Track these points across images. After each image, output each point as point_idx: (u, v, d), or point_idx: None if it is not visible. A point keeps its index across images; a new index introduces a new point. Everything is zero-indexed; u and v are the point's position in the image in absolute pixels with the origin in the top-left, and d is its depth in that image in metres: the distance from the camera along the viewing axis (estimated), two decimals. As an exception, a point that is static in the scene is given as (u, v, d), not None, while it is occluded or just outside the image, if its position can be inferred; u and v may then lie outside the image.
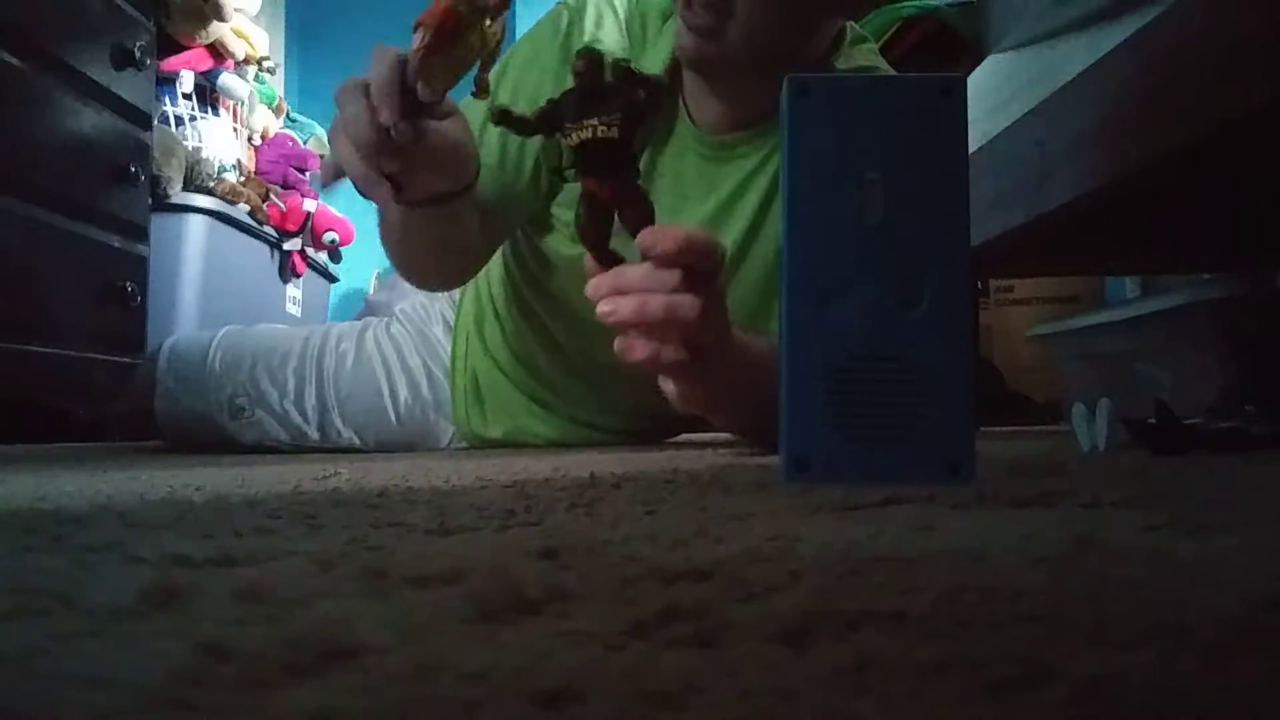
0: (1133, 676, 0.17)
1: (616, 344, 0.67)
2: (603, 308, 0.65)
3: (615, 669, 0.18)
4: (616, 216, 0.64)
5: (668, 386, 0.70)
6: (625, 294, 0.64)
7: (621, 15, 1.01)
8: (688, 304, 0.64)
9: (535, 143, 0.99)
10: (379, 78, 0.66)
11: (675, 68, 0.98)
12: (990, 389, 2.16)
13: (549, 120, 0.62)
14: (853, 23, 1.04)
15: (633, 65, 0.63)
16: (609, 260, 0.65)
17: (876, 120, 0.55)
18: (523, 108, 0.68)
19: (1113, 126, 0.97)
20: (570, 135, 0.60)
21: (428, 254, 0.98)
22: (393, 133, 0.66)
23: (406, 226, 0.89)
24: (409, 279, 1.07)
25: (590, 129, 0.60)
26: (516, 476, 0.66)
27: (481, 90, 0.66)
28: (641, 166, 1.01)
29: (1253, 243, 1.40)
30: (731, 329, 0.73)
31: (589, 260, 0.66)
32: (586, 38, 0.99)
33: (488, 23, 0.64)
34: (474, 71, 0.68)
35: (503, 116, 0.63)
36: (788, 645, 0.19)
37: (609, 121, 0.59)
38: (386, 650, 0.19)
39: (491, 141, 0.98)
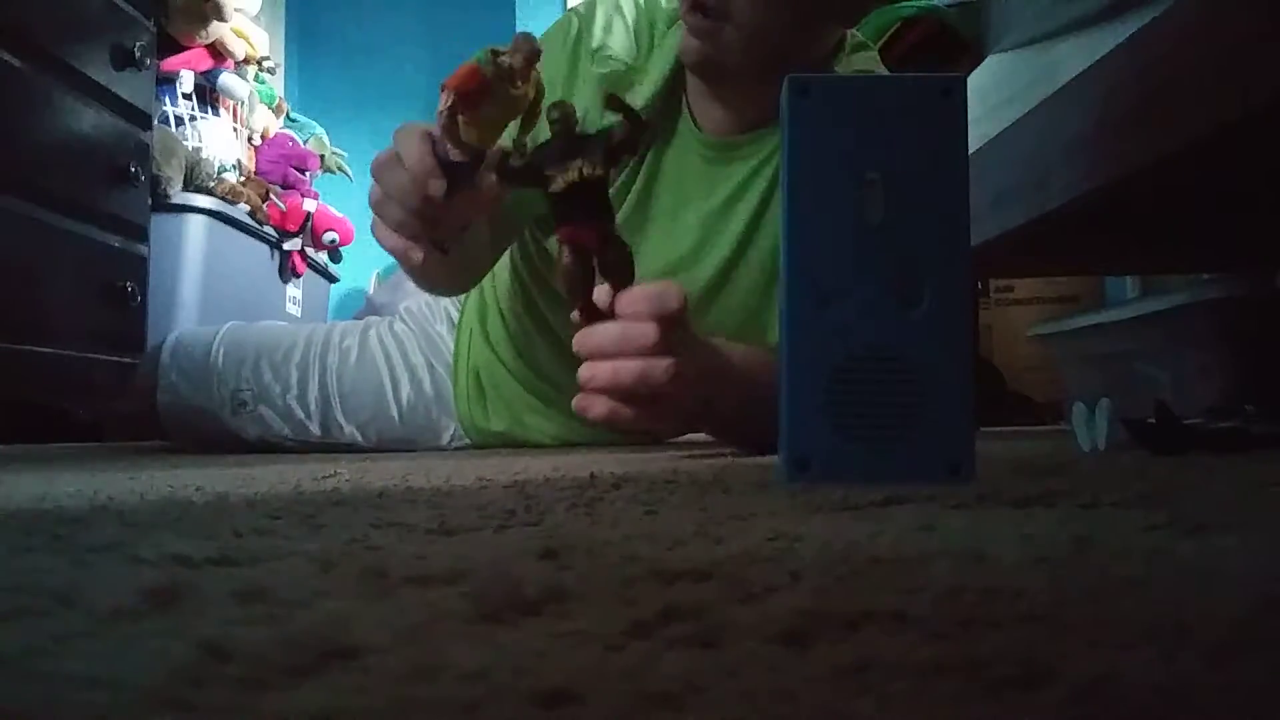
0: (1133, 676, 0.17)
1: (575, 403, 0.70)
2: (581, 374, 0.69)
3: (615, 669, 0.18)
4: (596, 264, 0.65)
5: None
6: (601, 357, 0.68)
7: (630, 21, 1.02)
8: (659, 369, 0.67)
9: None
10: (411, 154, 0.68)
11: (680, 70, 0.99)
12: (990, 389, 2.16)
13: (533, 172, 0.63)
14: (853, 30, 1.05)
15: (621, 97, 0.65)
16: (592, 312, 0.67)
17: (876, 120, 0.55)
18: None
19: (1112, 127, 0.97)
20: (556, 180, 0.61)
21: (442, 269, 1.00)
22: (437, 203, 0.68)
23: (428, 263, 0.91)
24: (422, 288, 1.10)
25: (576, 170, 0.61)
26: (516, 476, 0.66)
27: (518, 152, 0.67)
28: (645, 165, 1.02)
29: (1253, 243, 1.40)
30: (704, 342, 0.76)
31: (575, 317, 0.68)
32: (595, 44, 1.00)
33: (517, 84, 0.64)
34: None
35: (500, 167, 0.63)
36: (788, 645, 0.19)
37: (593, 161, 0.61)
38: (386, 650, 0.19)
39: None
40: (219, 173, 2.13)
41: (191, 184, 2.05)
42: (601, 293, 0.67)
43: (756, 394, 0.63)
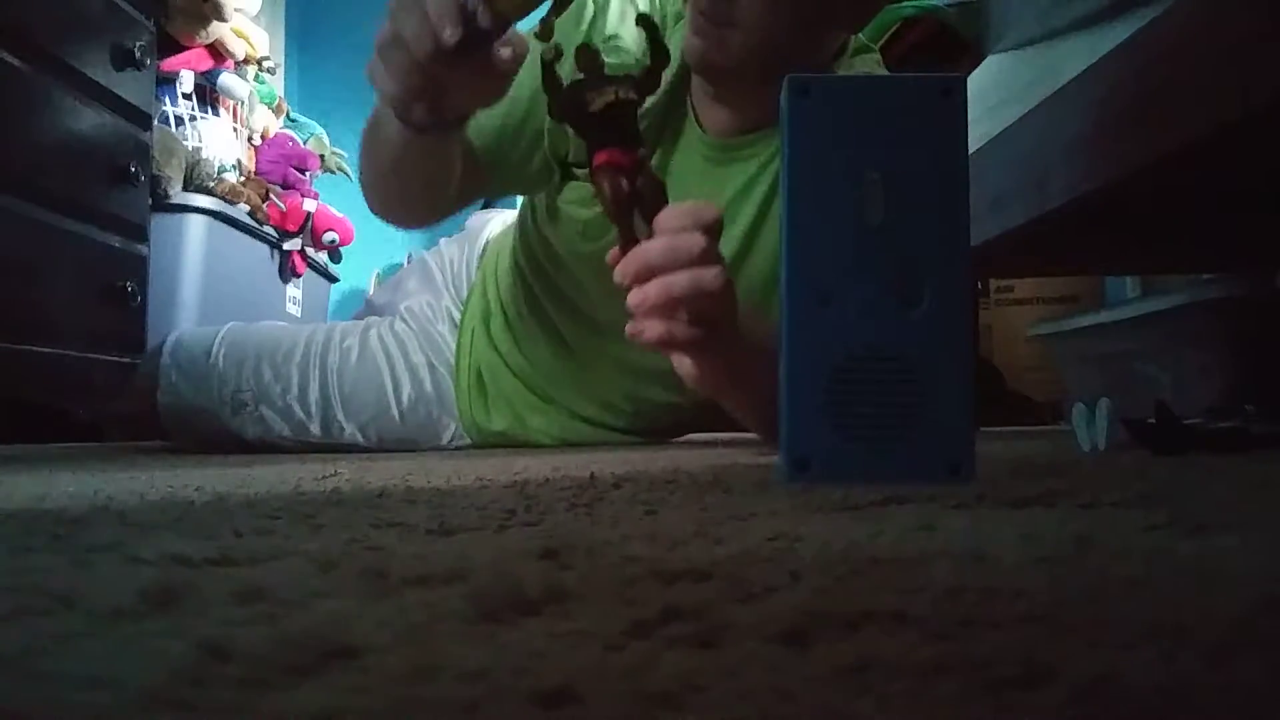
0: (1133, 676, 0.17)
1: (628, 329, 0.67)
2: (632, 299, 0.66)
3: (615, 669, 0.18)
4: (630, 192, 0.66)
5: (684, 367, 0.70)
6: (649, 278, 0.65)
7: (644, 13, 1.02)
8: (710, 275, 0.65)
9: (541, 110, 0.99)
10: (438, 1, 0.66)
11: (684, 71, 0.99)
12: (990, 389, 2.16)
13: (572, 95, 0.65)
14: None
15: (655, 22, 0.67)
16: (632, 238, 0.67)
17: (876, 120, 0.55)
18: (527, 77, 0.73)
19: (1112, 127, 0.97)
20: (594, 102, 0.64)
21: (410, 181, 0.97)
22: (450, 50, 0.66)
23: (404, 151, 0.88)
24: (378, 206, 1.05)
25: (612, 92, 0.64)
26: (516, 476, 0.66)
27: (546, 32, 0.67)
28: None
29: (1253, 243, 1.40)
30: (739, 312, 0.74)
31: (611, 255, 0.67)
32: (609, 31, 1.00)
33: None
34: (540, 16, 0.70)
35: (548, 68, 0.64)
36: (788, 645, 0.19)
37: (626, 86, 0.64)
38: (386, 650, 0.19)
39: (495, 110, 0.98)
40: (219, 173, 2.13)
41: (191, 184, 2.05)
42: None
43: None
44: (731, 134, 1.01)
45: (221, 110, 2.25)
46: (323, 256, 2.65)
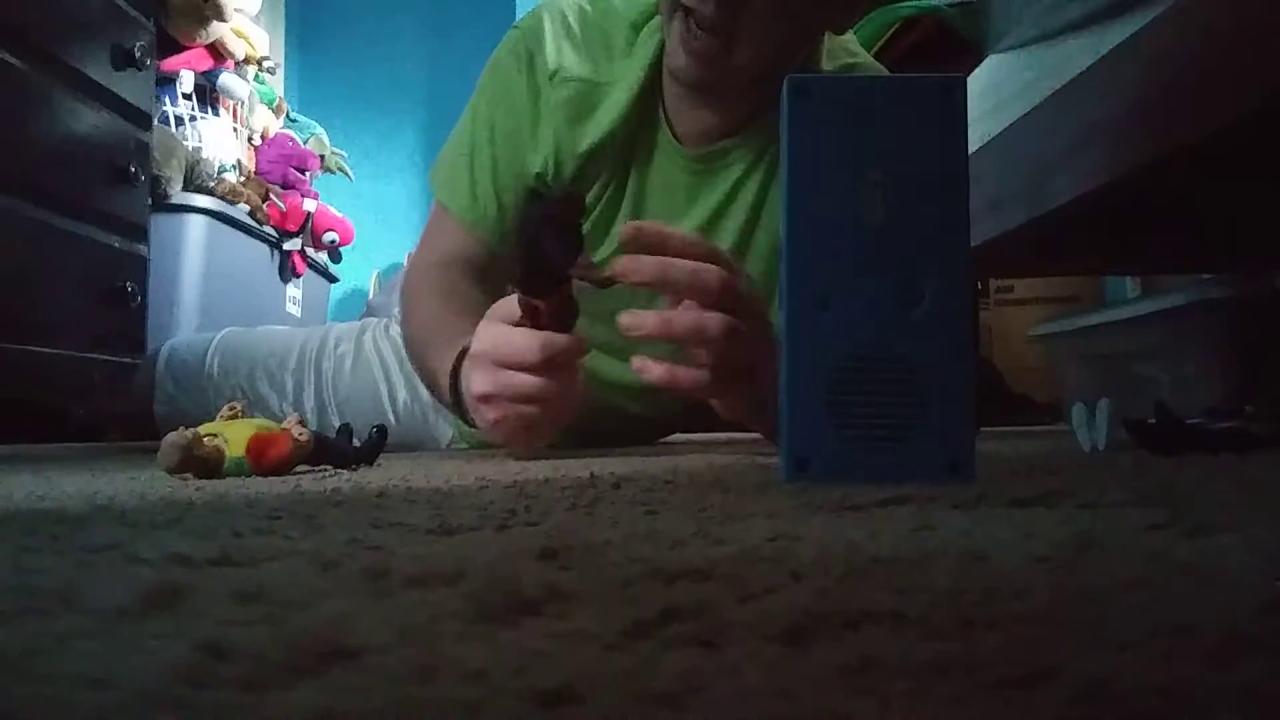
0: (1133, 676, 0.17)
1: (634, 362, 0.69)
2: (624, 319, 0.67)
3: (615, 669, 0.18)
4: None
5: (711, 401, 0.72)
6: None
7: (579, 36, 1.00)
8: (714, 323, 0.66)
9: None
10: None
11: (654, 78, 0.98)
12: (990, 389, 2.16)
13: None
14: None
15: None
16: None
17: (876, 120, 0.55)
18: (501, 147, 0.86)
19: (1113, 126, 0.97)
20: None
21: None
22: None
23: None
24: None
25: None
26: (516, 476, 0.66)
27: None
28: (629, 184, 1.02)
29: (1253, 243, 1.40)
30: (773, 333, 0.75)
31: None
32: (551, 67, 0.98)
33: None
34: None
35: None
36: (788, 645, 0.19)
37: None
38: (386, 650, 0.19)
39: (487, 195, 1.01)
40: (219, 173, 2.13)
41: (191, 184, 2.05)
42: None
43: None
44: (713, 139, 1.00)
45: (221, 110, 2.25)
46: (323, 256, 2.64)
